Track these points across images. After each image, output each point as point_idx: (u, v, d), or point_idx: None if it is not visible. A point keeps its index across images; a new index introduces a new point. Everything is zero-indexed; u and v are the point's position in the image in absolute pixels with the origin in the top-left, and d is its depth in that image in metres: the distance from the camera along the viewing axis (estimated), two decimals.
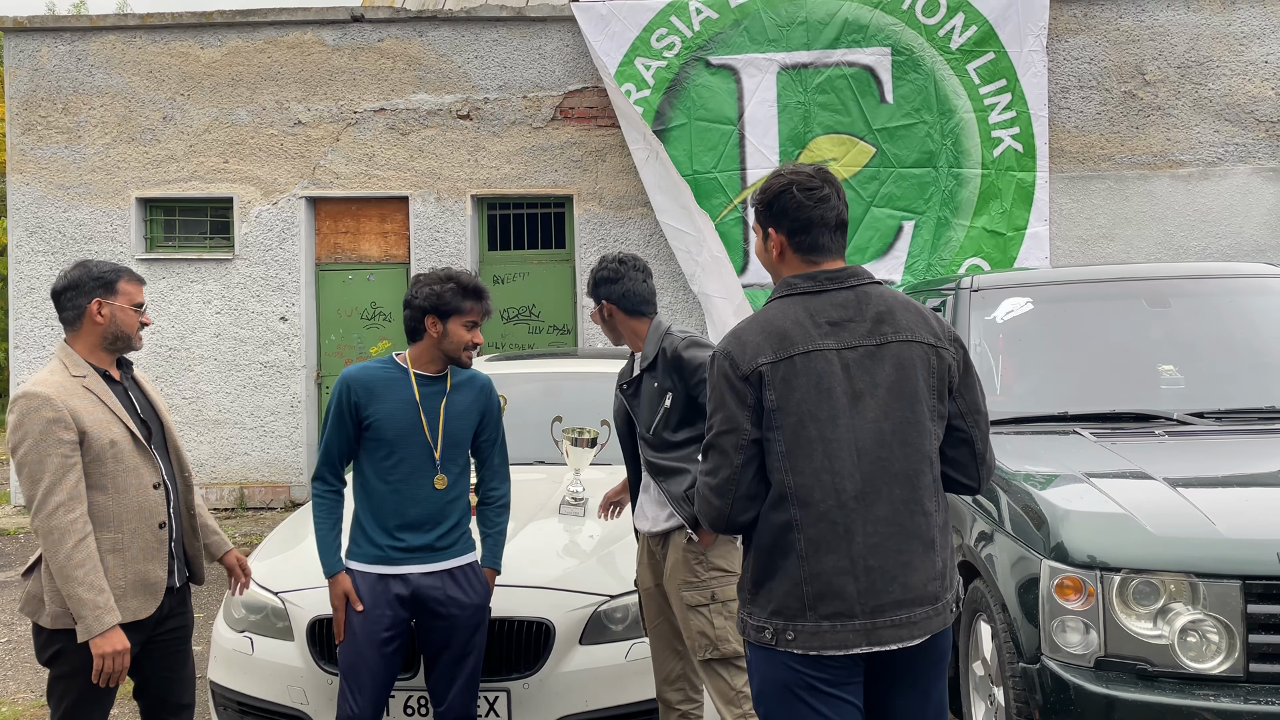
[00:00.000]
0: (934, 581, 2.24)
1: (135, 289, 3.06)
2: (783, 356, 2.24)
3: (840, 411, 2.22)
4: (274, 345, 9.62)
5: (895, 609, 2.19)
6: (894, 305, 2.31)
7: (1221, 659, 2.73)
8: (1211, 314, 4.41)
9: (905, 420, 2.24)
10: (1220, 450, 3.58)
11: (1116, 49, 9.09)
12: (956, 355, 2.33)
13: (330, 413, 3.23)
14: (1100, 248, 9.06)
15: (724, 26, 9.10)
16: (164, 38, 9.70)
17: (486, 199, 9.71)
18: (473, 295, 3.22)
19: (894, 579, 2.20)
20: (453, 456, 3.24)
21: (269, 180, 9.65)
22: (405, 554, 3.17)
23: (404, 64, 9.56)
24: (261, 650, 3.57)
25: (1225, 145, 9.00)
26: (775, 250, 2.37)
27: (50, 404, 2.82)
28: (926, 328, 2.31)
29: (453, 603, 3.19)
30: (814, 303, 2.29)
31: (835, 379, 2.23)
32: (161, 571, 3.00)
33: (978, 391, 2.36)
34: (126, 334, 3.03)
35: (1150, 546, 2.82)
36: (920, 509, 2.24)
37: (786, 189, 2.34)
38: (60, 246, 9.70)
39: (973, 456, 2.34)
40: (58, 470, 2.81)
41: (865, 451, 2.22)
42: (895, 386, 2.24)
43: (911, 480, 2.23)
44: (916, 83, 8.92)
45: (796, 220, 2.33)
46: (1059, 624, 2.88)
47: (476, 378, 3.37)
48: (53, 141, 9.74)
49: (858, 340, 2.25)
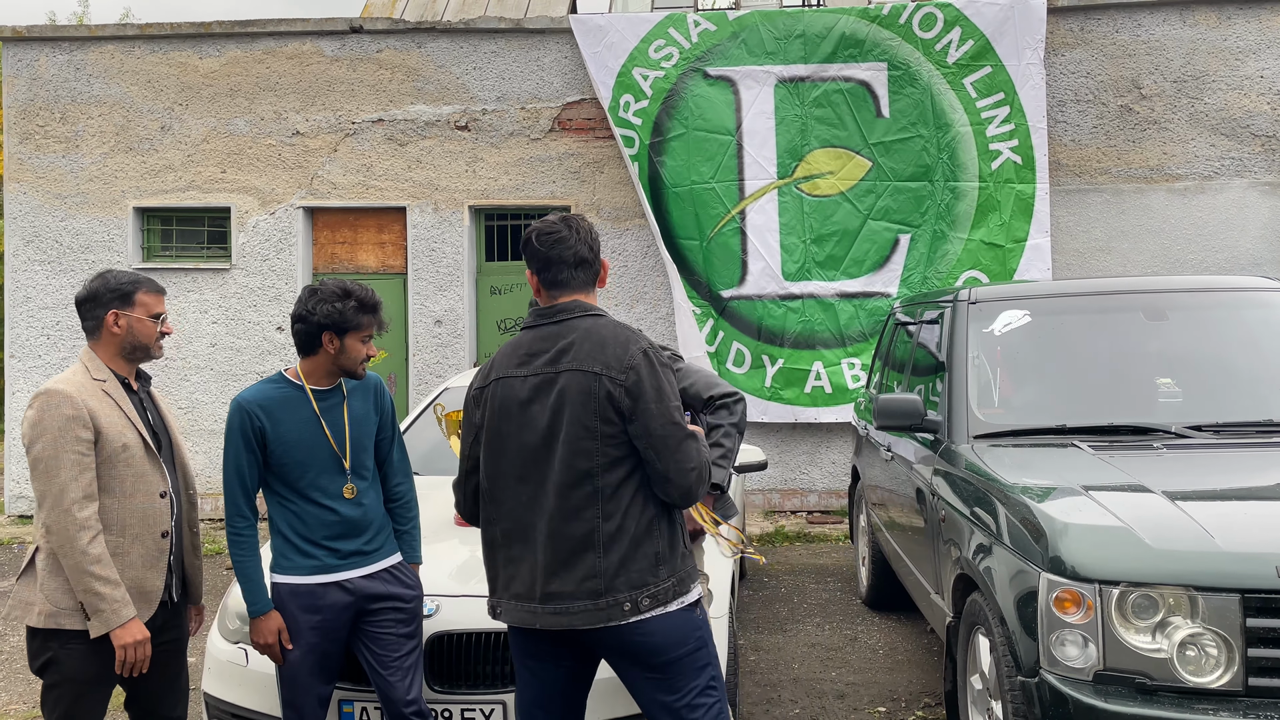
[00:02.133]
0: (593, 580, 2.58)
1: (154, 299, 3.11)
2: (488, 381, 2.77)
3: (518, 429, 2.67)
4: (270, 355, 9.61)
5: (557, 599, 2.60)
6: (581, 339, 2.66)
7: (1220, 673, 2.71)
8: (1209, 327, 4.42)
9: (568, 438, 2.61)
10: (1218, 463, 3.57)
11: (1113, 63, 9.13)
12: (623, 382, 2.60)
13: (232, 443, 3.12)
14: (1097, 261, 9.08)
15: (722, 39, 9.13)
16: (163, 48, 9.71)
17: (484, 210, 9.72)
18: (370, 310, 3.21)
19: (554, 574, 2.61)
20: (362, 462, 3.25)
21: (266, 190, 9.65)
22: (341, 560, 3.17)
23: (402, 75, 9.58)
24: (256, 662, 3.55)
25: (1221, 159, 9.03)
26: (535, 288, 2.81)
27: (70, 401, 2.87)
28: (599, 359, 2.62)
29: (395, 597, 3.23)
30: (528, 335, 2.76)
31: (515, 401, 2.68)
32: (159, 581, 3.00)
33: (652, 416, 2.60)
34: (144, 344, 3.08)
35: (1149, 560, 2.81)
36: (577, 516, 2.60)
37: (529, 238, 2.77)
38: (57, 256, 9.69)
39: (657, 474, 2.62)
40: (73, 467, 2.84)
41: (535, 464, 2.65)
42: (561, 410, 2.62)
43: (572, 490, 2.60)
44: (913, 97, 8.95)
45: (538, 261, 2.76)
46: (1057, 637, 2.87)
47: (367, 380, 3.37)
48: (50, 151, 9.74)
49: (540, 368, 2.67)
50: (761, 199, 9.05)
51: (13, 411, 9.71)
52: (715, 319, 9.08)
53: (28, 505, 9.68)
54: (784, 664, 5.29)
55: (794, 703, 4.76)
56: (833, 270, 8.97)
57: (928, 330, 5.03)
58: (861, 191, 8.98)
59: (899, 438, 5.05)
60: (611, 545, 2.59)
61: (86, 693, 2.89)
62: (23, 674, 5.29)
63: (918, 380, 5.07)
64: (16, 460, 9.70)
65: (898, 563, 5.17)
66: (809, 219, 9.01)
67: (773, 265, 9.01)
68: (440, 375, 9.47)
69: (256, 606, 3.13)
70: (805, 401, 8.99)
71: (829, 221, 8.97)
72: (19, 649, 5.70)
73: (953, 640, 3.79)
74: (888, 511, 5.40)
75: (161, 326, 3.10)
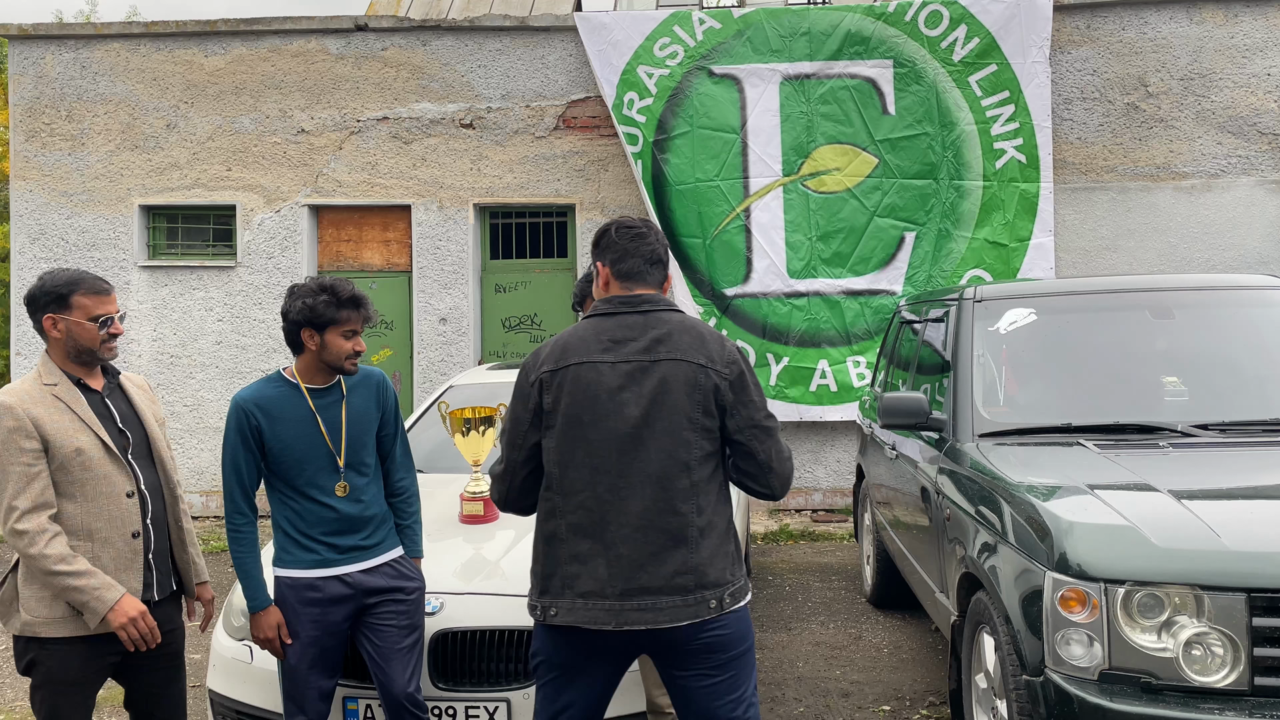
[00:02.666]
0: (684, 576, 2.51)
1: (93, 301, 2.93)
2: (560, 366, 2.61)
3: (604, 416, 2.54)
4: (276, 353, 9.62)
5: (642, 595, 2.49)
6: (676, 330, 2.62)
7: (1226, 672, 2.70)
8: (1215, 326, 4.40)
9: (663, 429, 2.54)
10: (1225, 462, 3.56)
11: (1119, 61, 9.10)
12: (727, 375, 2.59)
13: (230, 441, 3.14)
14: (1103, 259, 9.06)
15: (727, 37, 9.12)
16: (168, 46, 9.72)
17: (489, 208, 9.72)
18: (349, 305, 3.17)
19: (641, 568, 2.50)
20: (361, 459, 3.23)
21: (272, 188, 9.66)
22: (340, 555, 3.18)
23: (407, 73, 9.58)
24: (261, 659, 3.55)
25: (1228, 157, 9.00)
26: (603, 282, 2.74)
27: (11, 412, 2.80)
28: (701, 350, 2.59)
29: (395, 590, 3.23)
30: (605, 323, 2.65)
31: (602, 388, 2.56)
32: (136, 582, 2.94)
33: (755, 408, 2.61)
34: (87, 348, 2.94)
35: (1155, 559, 2.80)
36: (673, 509, 2.53)
37: (608, 230, 2.75)
38: (63, 253, 9.71)
39: (758, 466, 2.61)
40: (20, 478, 2.78)
41: (624, 454, 2.53)
42: (658, 399, 2.55)
43: (665, 483, 2.53)
44: (919, 94, 8.94)
45: (616, 252, 2.71)
46: (1063, 636, 2.86)
47: (370, 375, 3.35)
48: (56, 148, 9.76)
49: (632, 356, 2.58)
50: (766, 196, 9.05)
51: None
52: (718, 318, 9.07)
53: None
54: (789, 662, 5.29)
55: (799, 701, 4.76)
56: (839, 267, 8.96)
57: (933, 328, 5.02)
58: (868, 188, 8.97)
59: (904, 436, 5.04)
60: (702, 540, 2.54)
61: (70, 693, 2.87)
62: None
63: (923, 379, 5.05)
64: None
65: (902, 561, 5.16)
66: (815, 216, 9.00)
67: (778, 263, 9.00)
68: (445, 373, 9.48)
69: (255, 602, 3.14)
70: (810, 400, 8.98)
71: (835, 218, 8.96)
72: None
73: (957, 639, 3.78)
74: (892, 510, 5.39)
75: (110, 328, 2.95)
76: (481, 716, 3.36)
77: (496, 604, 3.42)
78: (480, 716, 3.36)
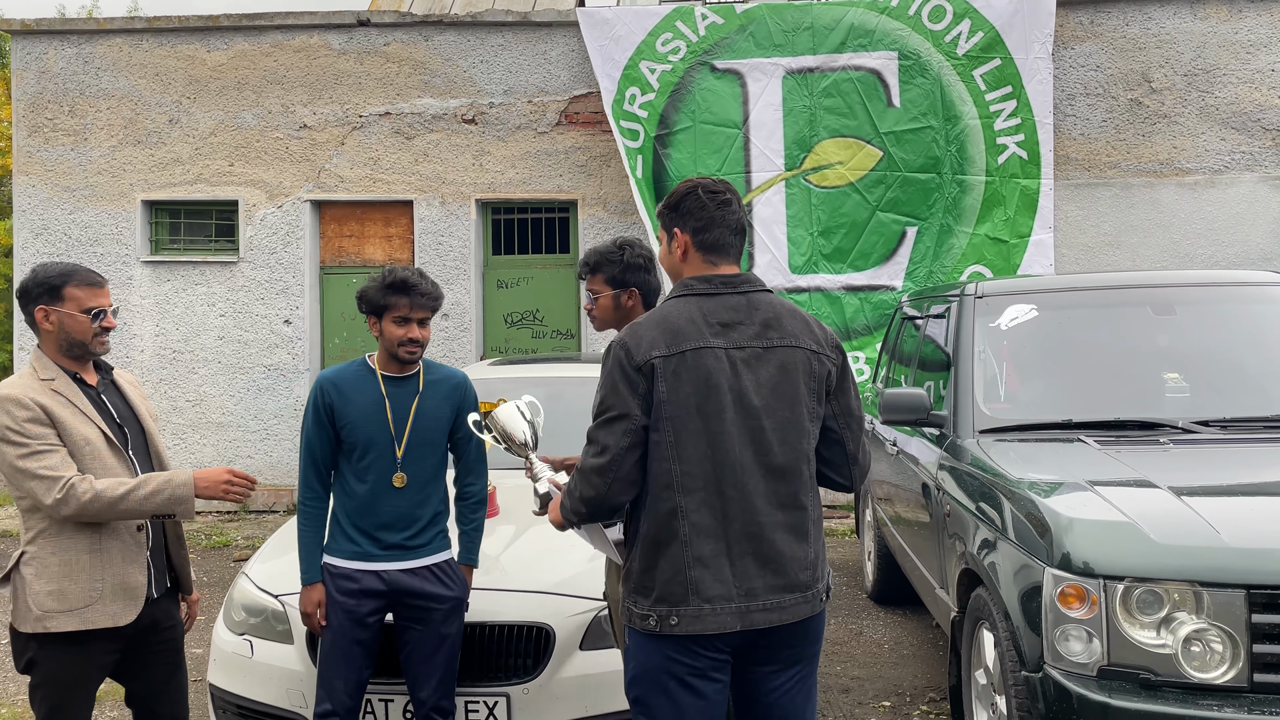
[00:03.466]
0: (805, 571, 2.40)
1: (87, 293, 2.90)
2: (674, 351, 2.36)
3: (725, 407, 2.35)
4: (278, 348, 9.63)
5: (767, 594, 2.36)
6: (781, 312, 2.47)
7: (1225, 669, 2.70)
8: (1217, 322, 4.39)
9: (785, 419, 2.40)
10: (1225, 459, 3.55)
11: (1123, 56, 9.08)
12: (835, 362, 2.49)
13: (308, 418, 3.24)
14: (1106, 255, 9.04)
15: (729, 32, 9.10)
16: (170, 41, 9.73)
17: (491, 203, 9.72)
18: (398, 290, 3.16)
19: (767, 565, 2.36)
20: (422, 455, 3.24)
21: (274, 183, 9.66)
22: (382, 551, 3.20)
23: (409, 68, 9.58)
24: (261, 653, 3.56)
25: (1232, 153, 8.98)
26: (680, 250, 2.52)
27: (20, 403, 2.77)
28: (810, 335, 2.47)
29: (430, 596, 3.21)
30: (707, 304, 2.43)
31: (723, 376, 2.36)
32: (140, 577, 2.93)
33: (853, 396, 2.53)
34: (80, 340, 2.89)
35: (1154, 555, 2.80)
36: (795, 502, 2.40)
37: (692, 191, 2.51)
38: (66, 249, 9.72)
39: (845, 457, 2.52)
40: (44, 455, 2.75)
41: (746, 446, 2.36)
42: (778, 387, 2.40)
43: (788, 475, 2.40)
44: (923, 87, 8.92)
45: (700, 220, 2.48)
46: (1062, 632, 2.86)
47: (453, 377, 3.37)
48: (59, 144, 9.77)
49: (746, 341, 2.40)
50: (768, 191, 9.04)
51: None
52: None
53: None
54: None
55: None
56: (839, 263, 8.95)
57: (934, 324, 5.01)
58: (871, 182, 8.95)
59: (905, 432, 5.04)
60: (816, 533, 2.46)
61: (68, 692, 2.86)
62: None
63: (924, 375, 5.05)
64: None
65: (903, 557, 5.17)
66: (817, 211, 8.99)
67: (779, 258, 9.00)
68: None
69: (306, 576, 3.24)
70: None
71: (837, 213, 8.95)
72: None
73: (957, 635, 3.78)
74: (893, 506, 5.39)
75: (102, 321, 2.90)
76: (481, 712, 3.37)
77: (497, 599, 3.42)
78: (480, 711, 3.37)
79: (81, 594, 2.82)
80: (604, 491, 2.38)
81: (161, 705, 3.11)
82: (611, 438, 2.36)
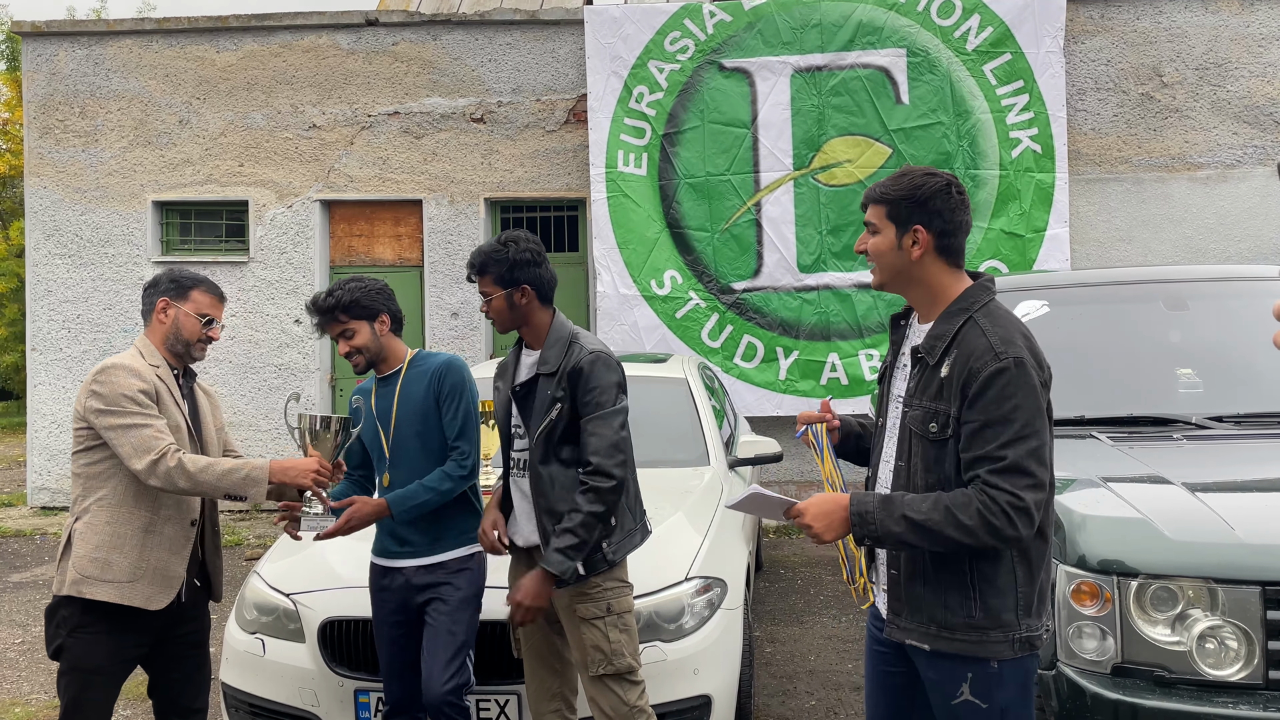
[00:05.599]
0: None
1: (208, 300, 3.13)
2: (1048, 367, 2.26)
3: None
4: (288, 348, 9.65)
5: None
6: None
7: (1240, 666, 2.68)
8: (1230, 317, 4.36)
9: None
10: (1239, 454, 3.53)
11: (1134, 50, 9.03)
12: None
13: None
14: (1118, 250, 9.00)
15: (738, 29, 9.09)
16: (180, 42, 9.75)
17: (499, 202, 9.72)
18: (309, 311, 3.28)
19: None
20: (408, 451, 3.22)
21: (284, 183, 9.69)
22: (400, 548, 3.24)
23: (418, 67, 9.59)
24: (273, 652, 3.57)
25: (1244, 147, 8.92)
26: (919, 249, 2.30)
27: (136, 373, 2.96)
28: None
29: (443, 586, 3.20)
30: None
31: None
32: (181, 568, 3.05)
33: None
34: (186, 340, 3.10)
35: (1168, 552, 2.78)
36: None
37: (946, 189, 2.29)
38: (77, 249, 9.76)
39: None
40: (146, 427, 2.89)
41: None
42: None
43: None
44: (933, 84, 8.89)
45: (951, 222, 2.29)
46: (1076, 630, 2.84)
47: (429, 363, 3.30)
48: (70, 145, 9.81)
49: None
50: (777, 190, 9.02)
51: (35, 404, 9.80)
52: (722, 313, 9.05)
53: (49, 497, 9.77)
54: (800, 656, 5.28)
55: (810, 694, 4.75)
56: (850, 261, 8.92)
57: None
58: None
59: None
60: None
61: (93, 680, 2.94)
62: (44, 663, 5.34)
63: None
64: (39, 452, 9.79)
65: None
66: (825, 210, 8.97)
67: (788, 257, 8.98)
68: None
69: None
70: (820, 393, 8.95)
71: (846, 211, 8.92)
72: (40, 638, 5.76)
73: None
74: None
75: (208, 330, 3.11)
76: (492, 710, 3.37)
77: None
78: (491, 710, 3.37)
79: (125, 568, 2.93)
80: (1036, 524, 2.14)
81: (183, 697, 3.18)
82: (1044, 468, 2.15)
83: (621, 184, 9.20)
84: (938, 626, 2.22)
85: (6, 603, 6.60)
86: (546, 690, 3.18)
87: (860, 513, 2.18)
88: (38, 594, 6.78)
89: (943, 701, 2.25)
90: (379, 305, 3.24)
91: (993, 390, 2.13)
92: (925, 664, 2.28)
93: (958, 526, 2.11)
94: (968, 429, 2.16)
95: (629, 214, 9.19)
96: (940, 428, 2.21)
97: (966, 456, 2.16)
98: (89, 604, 2.91)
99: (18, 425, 17.22)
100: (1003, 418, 2.12)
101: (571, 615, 3.00)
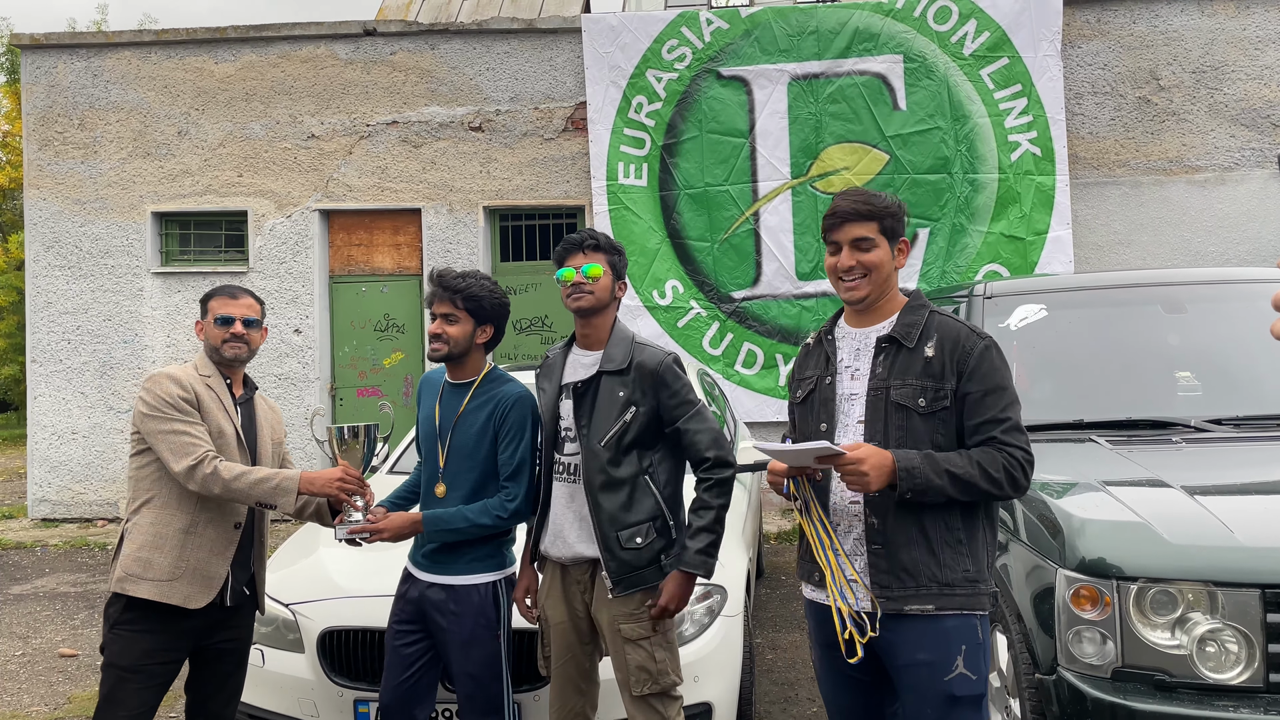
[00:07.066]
0: None
1: (219, 303, 3.20)
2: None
3: None
4: (288, 358, 9.66)
5: None
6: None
7: (1241, 669, 2.68)
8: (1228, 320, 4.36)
9: None
10: (1239, 457, 3.52)
11: (1130, 54, 9.04)
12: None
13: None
14: (1116, 254, 9.00)
15: (735, 37, 9.11)
16: (179, 53, 9.78)
17: (498, 210, 9.73)
18: (431, 280, 3.23)
19: None
20: (460, 469, 3.13)
21: (283, 193, 9.70)
22: (424, 559, 3.17)
23: (416, 77, 9.61)
24: (273, 662, 3.56)
25: (1241, 150, 8.93)
26: (902, 258, 2.60)
27: (179, 381, 3.07)
28: None
29: (448, 615, 3.08)
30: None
31: None
32: (223, 569, 3.09)
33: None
34: (213, 345, 3.18)
35: (1168, 556, 2.77)
36: None
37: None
38: (77, 261, 9.77)
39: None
40: (185, 431, 2.98)
41: None
42: None
43: None
44: (930, 89, 8.90)
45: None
46: (1075, 634, 2.84)
47: (500, 392, 3.16)
48: (69, 157, 9.82)
49: None
50: (775, 199, 9.04)
51: (35, 416, 9.80)
52: (722, 321, 9.07)
53: (50, 509, 9.76)
54: (801, 662, 5.26)
55: (811, 701, 4.74)
56: None
57: None
58: (879, 185, 8.93)
59: None
60: None
61: (128, 678, 2.98)
62: (44, 676, 5.33)
63: None
64: (39, 464, 9.78)
65: None
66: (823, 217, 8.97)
67: (786, 265, 9.00)
68: None
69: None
70: None
71: None
72: (41, 651, 5.75)
73: None
74: None
75: (228, 329, 3.15)
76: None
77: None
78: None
79: (166, 567, 3.00)
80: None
81: (213, 702, 3.22)
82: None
83: (622, 196, 9.22)
84: (939, 585, 2.39)
85: (7, 615, 6.59)
86: (570, 710, 3.12)
87: (907, 468, 2.34)
88: (38, 606, 6.78)
89: (932, 684, 2.36)
90: (492, 316, 3.17)
91: (986, 364, 2.43)
92: (919, 641, 2.37)
93: (989, 479, 2.36)
94: (970, 399, 2.41)
95: (630, 226, 9.22)
96: (930, 401, 2.43)
97: (972, 422, 2.41)
98: (132, 601, 3.00)
99: (18, 437, 17.21)
100: (998, 386, 2.42)
101: (616, 634, 2.93)
